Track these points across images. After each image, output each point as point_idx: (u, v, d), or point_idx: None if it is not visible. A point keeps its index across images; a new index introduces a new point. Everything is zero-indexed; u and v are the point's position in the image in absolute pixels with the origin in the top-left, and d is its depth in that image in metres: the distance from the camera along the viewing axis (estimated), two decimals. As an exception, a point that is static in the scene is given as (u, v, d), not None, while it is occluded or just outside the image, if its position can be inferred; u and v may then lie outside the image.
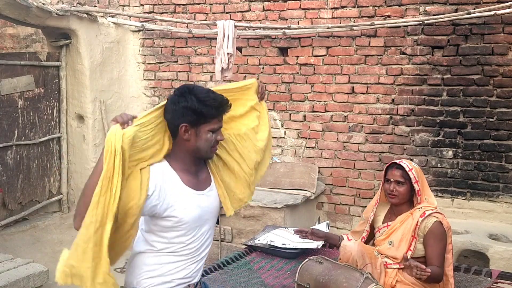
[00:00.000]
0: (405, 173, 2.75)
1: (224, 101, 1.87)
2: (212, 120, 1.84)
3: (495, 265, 3.90)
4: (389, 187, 2.79)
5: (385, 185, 2.83)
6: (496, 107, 4.45)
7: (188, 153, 1.88)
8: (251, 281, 3.07)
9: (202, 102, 1.80)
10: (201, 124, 1.83)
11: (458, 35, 4.51)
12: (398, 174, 2.77)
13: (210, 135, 1.85)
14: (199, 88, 1.87)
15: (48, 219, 5.31)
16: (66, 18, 5.07)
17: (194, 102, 1.80)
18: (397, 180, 2.76)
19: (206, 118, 1.82)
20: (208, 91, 1.87)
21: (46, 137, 5.33)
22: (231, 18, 5.27)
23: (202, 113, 1.80)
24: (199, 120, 1.82)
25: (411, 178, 2.74)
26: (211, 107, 1.82)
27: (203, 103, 1.80)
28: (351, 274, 2.54)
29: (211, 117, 1.83)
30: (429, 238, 2.66)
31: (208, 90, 1.88)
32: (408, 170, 2.75)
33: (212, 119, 1.84)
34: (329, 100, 5.05)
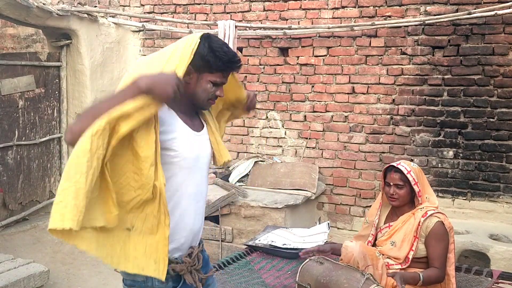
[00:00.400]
0: (404, 176, 2.75)
1: (234, 58, 1.83)
2: (216, 73, 1.80)
3: (496, 265, 3.90)
4: (389, 191, 2.79)
5: (385, 189, 2.83)
6: (496, 107, 4.45)
7: (186, 96, 1.81)
8: (252, 281, 3.08)
9: (213, 51, 1.77)
10: (205, 72, 1.79)
11: (458, 35, 4.51)
12: (396, 177, 2.76)
13: (210, 86, 1.81)
14: (216, 39, 1.84)
15: (48, 219, 5.28)
16: (67, 18, 5.07)
17: (205, 49, 1.76)
18: (396, 184, 2.76)
19: (211, 68, 1.78)
20: (223, 44, 1.83)
21: (47, 137, 5.32)
22: (231, 18, 5.27)
23: (208, 61, 1.77)
24: (204, 68, 1.78)
25: (410, 181, 2.74)
26: (219, 59, 1.78)
27: (213, 53, 1.77)
28: (352, 275, 2.54)
29: (215, 69, 1.79)
30: (431, 239, 2.66)
31: (223, 43, 1.83)
32: (407, 172, 2.75)
33: (216, 71, 1.80)
34: (329, 100, 5.05)
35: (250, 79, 5.36)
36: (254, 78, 5.35)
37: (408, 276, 2.56)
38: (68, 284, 4.35)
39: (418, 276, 2.57)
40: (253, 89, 5.35)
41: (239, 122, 5.45)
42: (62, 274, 4.49)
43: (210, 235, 4.58)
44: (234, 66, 1.85)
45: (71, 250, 4.89)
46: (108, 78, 5.58)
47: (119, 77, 5.73)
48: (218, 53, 1.77)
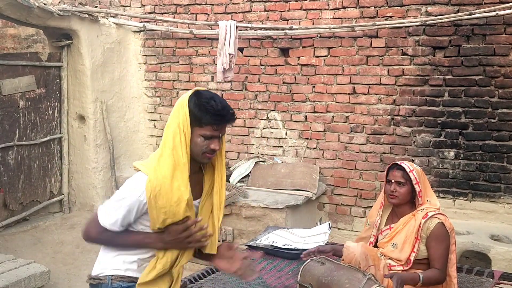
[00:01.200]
0: (406, 174, 2.74)
1: (224, 112, 1.86)
2: (206, 126, 1.84)
3: (497, 266, 3.89)
4: (389, 188, 2.79)
5: (386, 186, 2.82)
6: (497, 108, 4.44)
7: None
8: (253, 282, 3.06)
9: (199, 105, 1.83)
10: (195, 126, 1.84)
11: (459, 35, 4.51)
12: (398, 175, 2.76)
13: (201, 140, 1.85)
14: (205, 93, 1.89)
15: (49, 220, 5.31)
16: (68, 19, 5.07)
17: (192, 104, 1.84)
18: (398, 181, 2.76)
19: (200, 122, 1.84)
20: (212, 97, 1.87)
21: (47, 138, 5.33)
22: (232, 19, 5.27)
23: (196, 116, 1.83)
24: (194, 123, 1.84)
25: (411, 179, 2.73)
26: (207, 112, 1.83)
27: (199, 107, 1.83)
28: (354, 275, 2.54)
29: (205, 123, 1.84)
30: (432, 240, 2.65)
31: (212, 96, 1.87)
32: (409, 171, 2.75)
33: (206, 125, 1.84)
34: (330, 100, 5.05)
35: (251, 79, 5.36)
36: (255, 78, 5.35)
37: (408, 277, 2.55)
38: (69, 285, 4.35)
39: (417, 277, 2.56)
40: (253, 90, 5.37)
41: (240, 122, 5.45)
42: (62, 274, 4.49)
43: (211, 236, 4.57)
44: (224, 118, 1.88)
45: (71, 251, 4.90)
46: (109, 78, 5.58)
47: (120, 77, 5.74)
48: (204, 107, 1.83)
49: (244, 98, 5.42)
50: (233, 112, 1.90)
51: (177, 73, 5.74)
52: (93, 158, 5.45)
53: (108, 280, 1.92)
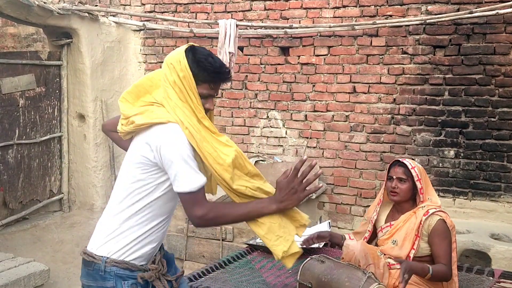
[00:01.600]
0: (408, 171, 2.75)
1: (220, 69, 1.80)
2: (202, 84, 1.77)
3: (497, 264, 3.88)
4: (391, 185, 2.78)
5: (387, 183, 2.82)
6: (498, 107, 4.44)
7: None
8: (253, 280, 3.07)
9: (196, 62, 1.76)
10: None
11: (460, 34, 4.51)
12: (400, 171, 2.76)
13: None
14: (201, 49, 1.82)
15: (48, 218, 5.31)
16: (68, 17, 5.07)
17: (189, 60, 1.76)
18: (399, 177, 2.76)
19: (197, 80, 1.76)
20: (208, 54, 1.80)
21: (47, 136, 5.32)
22: (232, 18, 5.26)
23: (193, 73, 1.75)
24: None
25: (413, 176, 2.73)
26: (205, 69, 1.76)
27: (197, 64, 1.76)
28: (354, 274, 2.53)
29: (202, 80, 1.77)
30: (434, 237, 2.65)
31: (209, 54, 1.80)
32: (411, 167, 2.75)
33: (202, 83, 1.77)
34: (330, 99, 5.05)
35: (251, 78, 5.35)
36: (255, 77, 5.34)
37: (417, 266, 2.53)
38: (69, 283, 4.35)
39: (427, 268, 2.54)
40: (253, 89, 5.36)
41: (240, 121, 5.45)
42: (62, 273, 4.49)
43: (211, 234, 4.57)
44: (222, 76, 1.82)
45: (71, 249, 4.89)
46: (109, 77, 5.58)
47: (120, 76, 5.74)
48: (203, 63, 1.76)
49: (244, 97, 5.42)
50: (229, 71, 1.85)
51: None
52: (93, 157, 5.45)
53: (103, 261, 1.80)
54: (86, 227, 5.29)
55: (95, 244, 1.86)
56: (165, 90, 1.79)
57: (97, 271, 1.81)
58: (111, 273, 1.80)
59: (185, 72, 1.75)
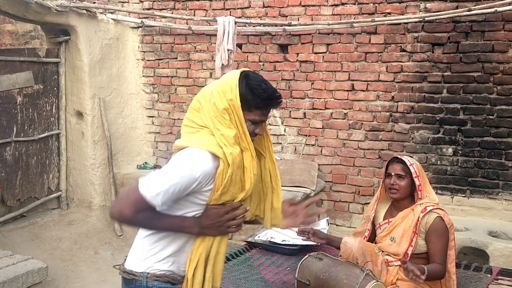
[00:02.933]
0: (406, 167, 2.75)
1: (274, 96, 1.78)
2: (255, 111, 1.75)
3: (494, 262, 3.89)
4: (389, 182, 2.79)
5: (386, 180, 2.82)
6: (496, 105, 4.44)
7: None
8: (251, 277, 3.07)
9: (251, 89, 1.73)
10: (244, 111, 1.74)
11: (458, 32, 4.50)
12: (398, 168, 2.76)
13: (249, 124, 1.77)
14: (254, 75, 1.79)
15: (47, 216, 5.29)
16: (65, 14, 5.05)
17: (243, 87, 1.74)
18: (398, 174, 2.76)
19: (250, 107, 1.74)
20: (262, 80, 1.78)
21: (45, 134, 5.31)
22: (231, 15, 5.25)
23: (247, 100, 1.73)
24: (243, 107, 1.74)
25: (411, 173, 2.73)
26: (258, 96, 1.73)
27: (251, 91, 1.73)
28: (352, 271, 2.54)
29: (254, 107, 1.74)
30: (431, 234, 2.65)
31: (262, 80, 1.78)
32: (409, 164, 2.75)
33: (256, 109, 1.75)
34: (329, 97, 5.04)
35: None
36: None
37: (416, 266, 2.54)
38: (67, 281, 4.34)
39: (423, 269, 2.55)
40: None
41: (238, 119, 5.43)
42: (60, 270, 4.48)
43: (209, 232, 4.56)
44: (274, 102, 1.80)
45: (69, 247, 4.89)
46: (107, 74, 5.57)
47: (118, 73, 5.73)
48: (257, 91, 1.73)
49: (243, 94, 5.40)
50: (280, 96, 1.82)
51: (175, 69, 5.72)
52: (91, 155, 5.43)
53: (144, 277, 1.77)
54: (84, 225, 5.29)
55: (133, 261, 1.84)
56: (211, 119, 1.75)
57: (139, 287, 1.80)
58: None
59: (234, 102, 1.72)
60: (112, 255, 4.90)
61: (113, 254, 4.89)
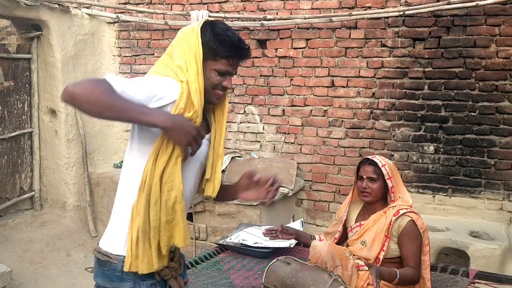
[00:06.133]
0: (378, 169, 2.62)
1: (242, 45, 1.66)
2: (220, 59, 1.64)
3: (475, 263, 3.79)
4: (361, 185, 2.66)
5: (358, 183, 2.70)
6: (478, 101, 4.33)
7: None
8: (219, 282, 2.94)
9: (215, 36, 1.62)
10: (208, 60, 1.63)
11: (439, 27, 4.38)
12: (370, 170, 2.63)
13: (215, 75, 1.65)
14: (220, 23, 1.69)
15: (18, 217, 5.12)
16: (36, 9, 4.87)
17: (207, 34, 1.63)
18: (370, 177, 2.63)
19: (214, 55, 1.63)
20: (227, 28, 1.67)
21: (17, 132, 5.13)
22: (208, 9, 5.10)
23: (211, 47, 1.62)
24: (206, 55, 1.62)
25: (384, 174, 2.61)
26: (224, 44, 1.62)
27: (216, 37, 1.62)
28: (319, 276, 2.40)
29: (220, 55, 1.63)
30: (403, 238, 2.53)
31: (227, 28, 1.67)
32: (381, 165, 2.62)
33: (221, 58, 1.64)
34: (308, 94, 4.91)
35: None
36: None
37: (385, 272, 2.42)
38: (35, 285, 4.19)
39: (394, 273, 2.43)
40: (230, 83, 5.19)
41: (216, 116, 5.29)
42: (29, 274, 4.33)
43: (184, 233, 4.43)
44: (240, 52, 1.68)
45: (40, 249, 4.73)
46: (82, 71, 5.40)
47: (94, 70, 5.56)
48: (221, 37, 1.63)
49: (221, 91, 5.26)
50: (249, 47, 1.70)
51: (152, 65, 5.54)
52: (65, 154, 5.27)
53: (119, 261, 1.62)
54: (57, 226, 5.13)
55: (109, 240, 1.68)
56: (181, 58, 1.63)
57: (113, 271, 1.64)
58: (129, 273, 1.63)
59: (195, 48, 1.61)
60: (85, 257, 4.74)
61: (86, 256, 4.74)
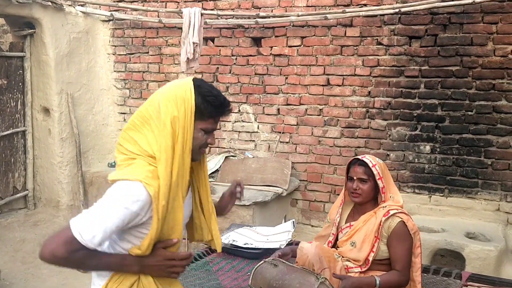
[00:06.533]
0: (368, 170, 2.55)
1: (225, 103, 1.69)
2: (208, 119, 1.65)
3: (471, 265, 3.73)
4: (352, 186, 2.59)
5: (348, 184, 2.63)
6: (475, 100, 4.26)
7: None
8: (207, 284, 2.89)
9: (203, 97, 1.63)
10: (195, 120, 1.63)
11: (436, 24, 4.32)
12: (360, 171, 2.57)
13: (202, 134, 1.66)
14: (204, 83, 1.69)
15: (11, 216, 5.09)
16: (29, 6, 4.83)
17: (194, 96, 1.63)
18: (360, 178, 2.56)
19: (203, 116, 1.64)
20: (211, 87, 1.69)
21: (10, 131, 5.09)
22: (203, 7, 5.05)
23: (199, 108, 1.62)
24: (194, 116, 1.63)
25: (374, 175, 2.54)
26: (210, 104, 1.63)
27: (203, 99, 1.62)
28: (306, 279, 2.34)
29: (207, 115, 1.64)
30: (392, 240, 2.46)
31: (212, 86, 1.69)
32: (372, 165, 2.55)
33: (208, 118, 1.65)
34: (303, 92, 4.85)
35: (222, 70, 5.14)
36: (226, 69, 5.13)
37: (362, 282, 2.36)
38: (25, 285, 4.13)
39: (373, 281, 2.36)
40: (225, 81, 5.15)
41: (211, 115, 5.24)
42: (20, 273, 4.27)
43: (176, 233, 4.38)
44: (225, 110, 1.70)
45: (32, 249, 4.68)
46: (76, 69, 5.35)
47: (88, 68, 5.51)
48: (209, 98, 1.64)
49: (215, 90, 5.20)
50: (229, 103, 1.73)
51: (147, 64, 5.51)
52: (58, 153, 5.22)
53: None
54: (50, 225, 5.08)
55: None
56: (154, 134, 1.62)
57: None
58: None
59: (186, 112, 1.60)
60: (78, 257, 4.68)
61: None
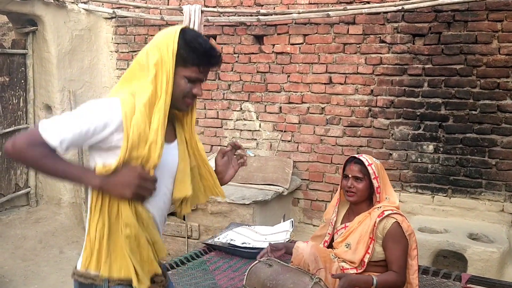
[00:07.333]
0: (364, 168, 2.51)
1: (211, 52, 1.61)
2: (191, 67, 1.59)
3: (473, 266, 3.67)
4: (346, 184, 2.55)
5: (343, 182, 2.59)
6: (479, 99, 4.19)
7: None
8: (203, 283, 2.87)
9: (186, 43, 1.57)
10: (178, 66, 1.58)
11: (440, 22, 4.25)
12: (356, 169, 2.52)
13: (184, 82, 1.60)
14: (191, 31, 1.64)
15: (13, 213, 5.09)
16: (31, 3, 4.82)
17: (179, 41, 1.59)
18: (355, 176, 2.52)
19: (185, 62, 1.58)
20: (198, 35, 1.63)
21: (12, 128, 5.09)
22: (204, 4, 5.02)
23: (181, 54, 1.57)
24: (177, 62, 1.57)
25: (370, 174, 2.50)
26: (194, 51, 1.58)
27: (187, 44, 1.57)
28: (300, 279, 2.31)
29: (190, 63, 1.58)
30: (388, 241, 2.42)
31: (199, 35, 1.63)
32: (367, 164, 2.51)
33: (191, 66, 1.59)
34: (305, 90, 4.80)
35: (224, 68, 5.11)
36: (228, 67, 5.10)
37: (359, 280, 2.32)
38: (25, 282, 4.14)
39: (370, 280, 2.32)
40: (227, 79, 5.12)
41: (213, 113, 5.21)
42: (20, 271, 4.28)
43: (176, 232, 4.36)
44: (211, 59, 1.62)
45: (33, 246, 4.69)
46: (78, 66, 5.35)
47: (90, 66, 5.51)
48: (192, 44, 1.58)
49: (217, 88, 5.18)
50: (220, 54, 1.65)
51: (149, 61, 5.48)
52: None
53: (105, 283, 1.57)
54: (52, 223, 5.08)
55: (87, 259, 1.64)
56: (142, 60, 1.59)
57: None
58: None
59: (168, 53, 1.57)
60: (78, 254, 4.62)
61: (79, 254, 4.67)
